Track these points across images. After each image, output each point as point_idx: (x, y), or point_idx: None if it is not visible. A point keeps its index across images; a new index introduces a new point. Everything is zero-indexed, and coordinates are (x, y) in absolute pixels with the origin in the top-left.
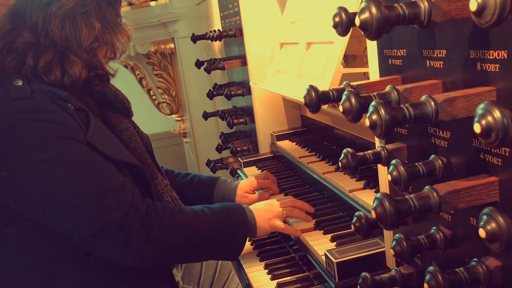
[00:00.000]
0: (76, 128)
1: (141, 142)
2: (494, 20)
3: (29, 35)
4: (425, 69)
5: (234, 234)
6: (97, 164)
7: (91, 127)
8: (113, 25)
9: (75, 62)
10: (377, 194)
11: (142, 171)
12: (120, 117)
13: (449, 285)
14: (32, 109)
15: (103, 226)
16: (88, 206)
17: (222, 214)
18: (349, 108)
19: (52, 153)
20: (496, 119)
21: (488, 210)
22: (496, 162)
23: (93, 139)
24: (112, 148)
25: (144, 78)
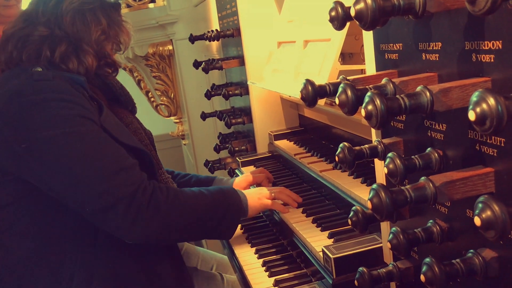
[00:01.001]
0: (92, 110)
1: (145, 136)
2: (488, 7)
3: (44, 29)
4: (421, 63)
5: (229, 213)
6: (110, 144)
7: (104, 113)
8: (116, 22)
9: (88, 51)
10: (373, 185)
11: (149, 157)
12: (125, 111)
13: (446, 276)
14: (53, 89)
15: (114, 201)
16: (102, 180)
17: (218, 194)
18: (345, 100)
19: (71, 128)
20: (490, 106)
21: (483, 198)
22: (491, 153)
23: (105, 123)
24: (122, 134)
25: (142, 80)
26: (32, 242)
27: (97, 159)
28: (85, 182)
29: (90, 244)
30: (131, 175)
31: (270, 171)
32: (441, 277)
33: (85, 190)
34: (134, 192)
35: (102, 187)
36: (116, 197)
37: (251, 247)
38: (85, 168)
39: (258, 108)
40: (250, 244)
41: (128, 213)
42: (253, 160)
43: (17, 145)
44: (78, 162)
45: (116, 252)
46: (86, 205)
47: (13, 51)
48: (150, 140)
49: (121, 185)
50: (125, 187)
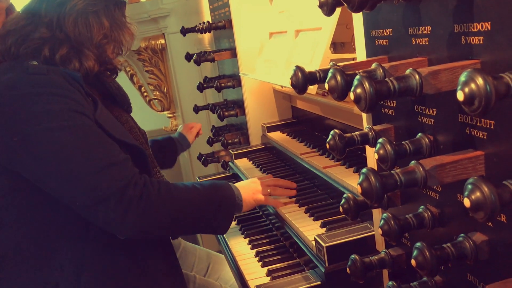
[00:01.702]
0: (86, 105)
1: (140, 135)
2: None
3: (45, 30)
4: (411, 47)
5: (223, 207)
6: (103, 138)
7: (98, 109)
8: (120, 24)
9: (88, 55)
10: (362, 169)
11: (144, 154)
12: (120, 111)
13: (436, 260)
14: (47, 83)
15: (105, 195)
16: (93, 174)
17: (211, 189)
18: (335, 85)
19: (63, 122)
20: (479, 86)
21: (472, 179)
22: (481, 136)
23: (100, 119)
24: (117, 130)
25: (135, 74)
26: (23, 234)
27: (89, 153)
28: (76, 176)
29: (81, 237)
30: (123, 169)
31: (263, 163)
32: (432, 261)
33: (76, 183)
34: (125, 186)
35: (93, 181)
36: (107, 191)
37: (245, 238)
38: (76, 161)
39: (251, 100)
40: (244, 235)
41: (119, 207)
42: (246, 152)
43: (9, 138)
44: (69, 155)
45: (107, 246)
46: (77, 198)
47: (12, 46)
48: (144, 139)
49: (113, 179)
50: (116, 181)
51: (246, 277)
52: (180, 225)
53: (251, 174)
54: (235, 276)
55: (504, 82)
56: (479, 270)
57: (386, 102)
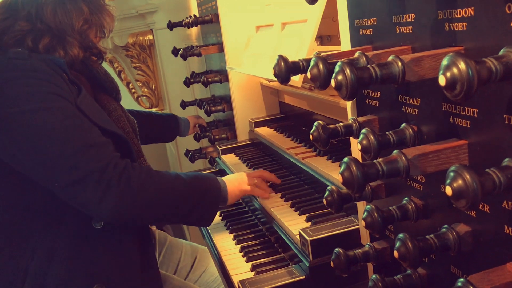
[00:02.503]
0: (66, 90)
1: (128, 124)
2: None
3: (25, 23)
4: (395, 36)
5: (207, 197)
6: (82, 122)
7: (81, 95)
8: (99, 7)
9: (72, 43)
10: (344, 159)
11: (127, 143)
12: (109, 98)
13: (419, 251)
14: (27, 67)
15: (84, 174)
16: (71, 154)
17: (195, 178)
18: (317, 74)
19: (41, 104)
20: (461, 70)
21: (455, 167)
22: (465, 125)
23: (82, 104)
24: (99, 117)
25: (123, 71)
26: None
27: (67, 134)
28: (53, 157)
29: (55, 224)
30: (102, 151)
31: (250, 158)
32: (414, 252)
33: (54, 164)
34: (104, 166)
35: (71, 161)
36: (85, 171)
37: (230, 234)
38: (53, 142)
39: (238, 95)
40: (229, 231)
41: (98, 188)
42: (233, 148)
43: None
44: (46, 136)
45: (81, 235)
46: (55, 179)
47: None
48: (133, 128)
49: (91, 159)
50: (95, 161)
51: (230, 272)
52: (160, 212)
53: (238, 170)
54: (219, 272)
55: (486, 66)
56: (463, 262)
57: (371, 93)
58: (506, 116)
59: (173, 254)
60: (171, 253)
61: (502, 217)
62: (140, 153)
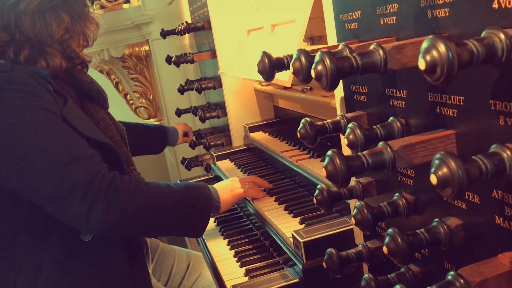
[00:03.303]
0: (52, 102)
1: (117, 132)
2: None
3: (4, 34)
4: (379, 28)
5: (198, 207)
6: (67, 134)
7: (68, 105)
8: (81, 15)
9: (53, 53)
10: (328, 152)
11: (116, 152)
12: (96, 107)
13: (409, 246)
14: (10, 80)
15: (70, 189)
16: (56, 169)
17: (186, 188)
18: (299, 67)
19: (24, 118)
20: (441, 53)
21: (439, 155)
22: (451, 114)
23: (68, 115)
24: (86, 127)
25: (120, 82)
26: None
27: (51, 148)
28: (38, 172)
29: (43, 237)
30: (88, 164)
31: (245, 163)
32: (404, 247)
33: (39, 179)
34: (91, 179)
35: (56, 176)
36: (71, 185)
37: (224, 239)
38: (37, 157)
39: (232, 101)
40: (223, 236)
41: (84, 202)
42: (228, 154)
43: None
44: (31, 151)
45: (69, 249)
46: (40, 194)
47: None
48: (121, 136)
49: (77, 173)
50: (81, 175)
51: (223, 277)
52: (150, 225)
53: (233, 175)
54: (213, 278)
55: (467, 48)
56: (456, 257)
57: (359, 89)
58: (492, 102)
59: (165, 261)
60: (164, 260)
61: (492, 208)
62: (130, 162)
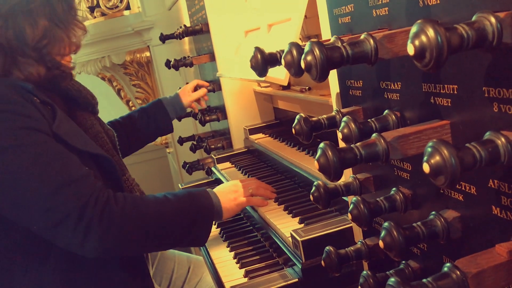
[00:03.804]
0: (40, 119)
1: (108, 139)
2: None
3: None
4: (372, 20)
5: (199, 219)
6: (58, 155)
7: (57, 118)
8: (64, 20)
9: (26, 62)
10: (320, 145)
11: (110, 162)
12: (85, 114)
13: (405, 240)
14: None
15: (62, 217)
16: (46, 197)
17: (186, 199)
18: (291, 60)
19: (10, 142)
20: (429, 37)
21: (432, 142)
22: (446, 104)
23: (59, 129)
24: (78, 140)
25: (122, 89)
26: None
27: (42, 174)
28: (29, 199)
29: (42, 259)
30: (82, 186)
31: (245, 165)
32: (400, 241)
33: (30, 206)
34: (84, 205)
35: (48, 203)
36: (64, 212)
37: (224, 241)
38: (28, 183)
39: (232, 103)
40: (223, 238)
41: (79, 228)
42: (229, 156)
43: None
44: (21, 178)
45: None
46: (33, 221)
47: None
48: (112, 144)
49: (70, 199)
50: (73, 201)
51: (223, 279)
52: (151, 242)
53: (233, 177)
54: (213, 280)
55: (457, 33)
56: (454, 251)
57: (353, 83)
58: (486, 89)
59: (166, 265)
60: (164, 264)
61: (489, 198)
62: (124, 170)
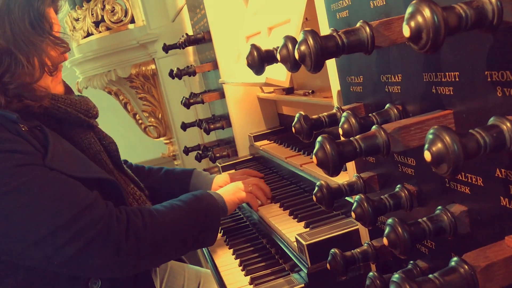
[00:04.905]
0: (33, 152)
1: (108, 159)
2: None
3: None
4: (370, 12)
5: (208, 216)
6: (62, 185)
7: (50, 148)
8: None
9: None
10: (318, 138)
11: (113, 184)
12: (80, 133)
13: (411, 237)
14: None
15: (83, 245)
16: (63, 230)
17: (193, 202)
18: (286, 54)
19: (11, 184)
20: (426, 18)
21: (433, 129)
22: (447, 92)
23: (54, 161)
24: (77, 166)
25: (128, 102)
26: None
27: (51, 208)
28: (45, 237)
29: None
30: (95, 211)
31: None
32: (405, 237)
33: (47, 244)
34: (106, 226)
35: (65, 237)
36: (85, 240)
37: (229, 249)
38: (39, 223)
39: (236, 111)
40: (228, 246)
41: (107, 250)
42: (234, 164)
43: None
44: (28, 219)
45: None
46: (53, 259)
47: None
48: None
49: (87, 226)
50: (92, 227)
51: (228, 287)
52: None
53: None
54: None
55: (455, 12)
56: (463, 247)
57: (354, 79)
58: (488, 73)
59: (175, 280)
60: (174, 279)
61: (497, 188)
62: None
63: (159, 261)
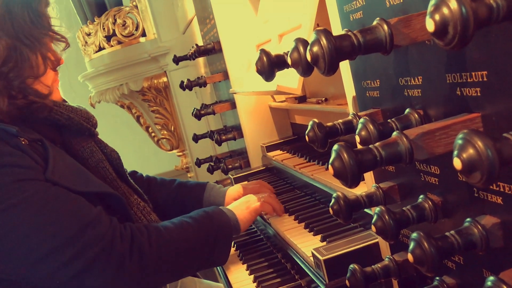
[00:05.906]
0: (33, 167)
1: (110, 167)
2: None
3: None
4: (386, 11)
5: (220, 236)
6: (63, 200)
7: (50, 162)
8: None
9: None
10: (334, 147)
11: (117, 198)
12: (82, 140)
13: (438, 252)
14: None
15: (88, 262)
16: (66, 246)
17: (204, 220)
18: (297, 58)
19: (12, 200)
20: (452, 9)
21: (462, 134)
22: (474, 94)
23: (54, 175)
24: (78, 181)
25: (141, 116)
26: None
27: (53, 225)
28: (46, 255)
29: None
30: (99, 227)
31: None
32: (432, 253)
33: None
34: (110, 243)
35: (69, 253)
36: (89, 258)
37: (243, 264)
38: (41, 239)
39: (248, 121)
40: (242, 261)
41: (110, 268)
42: (246, 176)
43: None
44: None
45: None
46: (55, 277)
47: None
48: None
49: (91, 243)
50: (96, 243)
51: None
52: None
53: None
54: None
55: (485, 2)
56: (496, 262)
57: (370, 84)
58: None
59: None
60: None
61: None
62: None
63: (165, 279)
